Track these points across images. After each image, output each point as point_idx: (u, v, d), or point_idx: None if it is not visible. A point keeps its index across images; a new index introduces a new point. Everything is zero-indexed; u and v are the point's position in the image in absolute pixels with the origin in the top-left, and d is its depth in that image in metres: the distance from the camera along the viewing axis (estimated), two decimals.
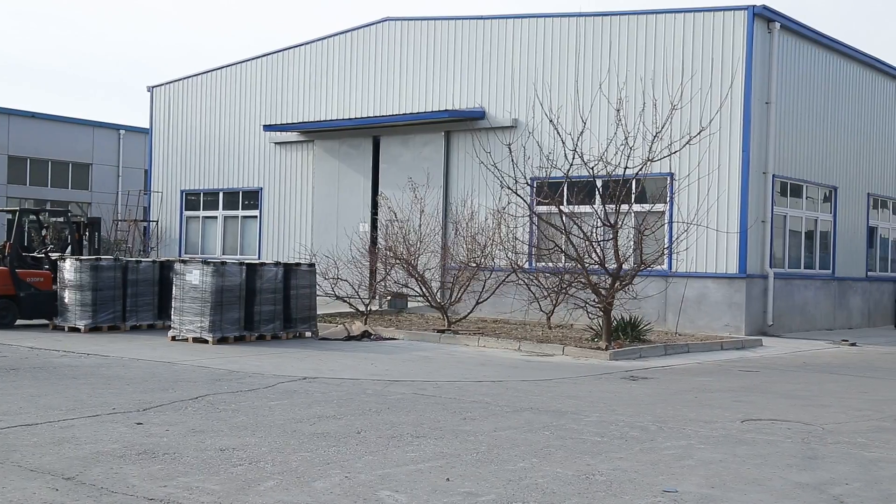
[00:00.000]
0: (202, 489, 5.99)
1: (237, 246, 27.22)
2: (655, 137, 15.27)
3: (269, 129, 25.62)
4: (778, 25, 19.26)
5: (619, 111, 15.66)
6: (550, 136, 17.29)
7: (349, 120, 24.16)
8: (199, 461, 6.74)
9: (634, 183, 16.28)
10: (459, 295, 18.31)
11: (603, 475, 6.61)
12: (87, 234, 19.06)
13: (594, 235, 15.63)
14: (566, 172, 15.40)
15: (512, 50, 21.81)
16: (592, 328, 16.32)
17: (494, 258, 18.35)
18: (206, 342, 15.01)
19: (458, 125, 22.43)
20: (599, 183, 16.06)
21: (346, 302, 18.76)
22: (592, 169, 15.19)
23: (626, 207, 15.69)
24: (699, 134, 16.25)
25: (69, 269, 16.54)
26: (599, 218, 15.71)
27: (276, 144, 26.16)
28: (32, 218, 19.95)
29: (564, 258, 16.36)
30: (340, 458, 6.95)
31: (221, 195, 27.80)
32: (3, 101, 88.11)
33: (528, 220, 18.04)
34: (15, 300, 16.84)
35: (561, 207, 15.91)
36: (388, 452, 7.16)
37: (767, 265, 19.39)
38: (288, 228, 25.91)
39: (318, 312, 17.43)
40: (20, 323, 17.11)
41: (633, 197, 16.55)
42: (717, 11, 19.10)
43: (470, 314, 18.59)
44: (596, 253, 15.43)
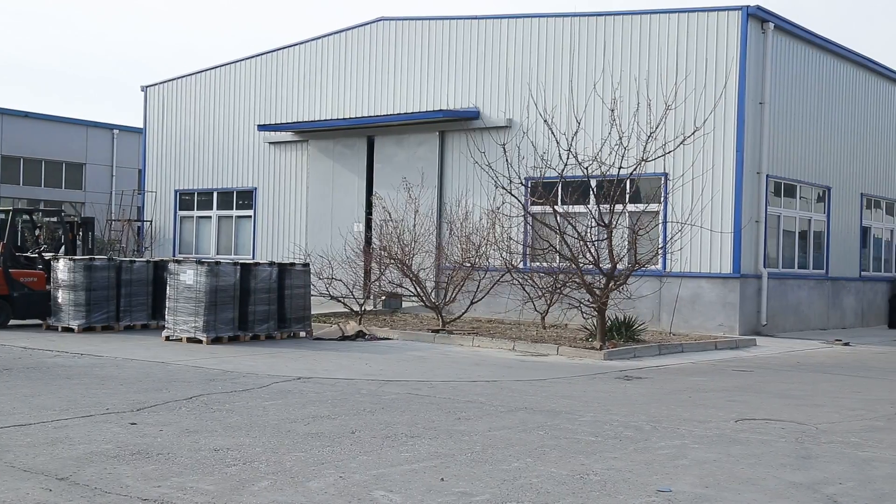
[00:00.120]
0: (196, 489, 5.98)
1: (231, 246, 27.18)
2: (650, 137, 15.29)
3: (263, 128, 25.59)
4: (772, 26, 19.30)
5: (613, 111, 15.68)
6: (545, 135, 17.30)
7: (344, 120, 24.14)
8: (193, 461, 6.73)
9: (629, 183, 16.30)
10: (454, 295, 18.32)
11: (597, 475, 6.62)
12: (80, 233, 19.03)
13: (588, 235, 15.65)
14: (560, 172, 15.41)
15: (506, 50, 21.82)
16: (587, 328, 16.34)
17: (489, 258, 18.35)
18: (200, 342, 14.99)
19: (452, 125, 22.43)
20: (594, 183, 16.06)
21: (340, 302, 18.75)
22: (587, 169, 15.20)
23: (620, 207, 15.70)
24: (693, 134, 16.27)
25: (63, 269, 16.50)
26: (594, 218, 15.72)
27: (270, 144, 26.13)
28: (26, 218, 19.94)
29: (559, 258, 16.38)
30: (335, 458, 6.95)
31: (216, 195, 27.76)
32: None
33: (522, 219, 18.06)
34: (8, 300, 16.79)
35: (555, 207, 15.92)
36: (382, 452, 7.16)
37: (761, 265, 19.42)
38: (282, 228, 25.89)
39: (312, 312, 17.41)
40: (13, 323, 17.07)
41: (627, 197, 16.56)
42: (711, 12, 19.13)
43: (464, 314, 18.59)
44: (590, 253, 15.44)
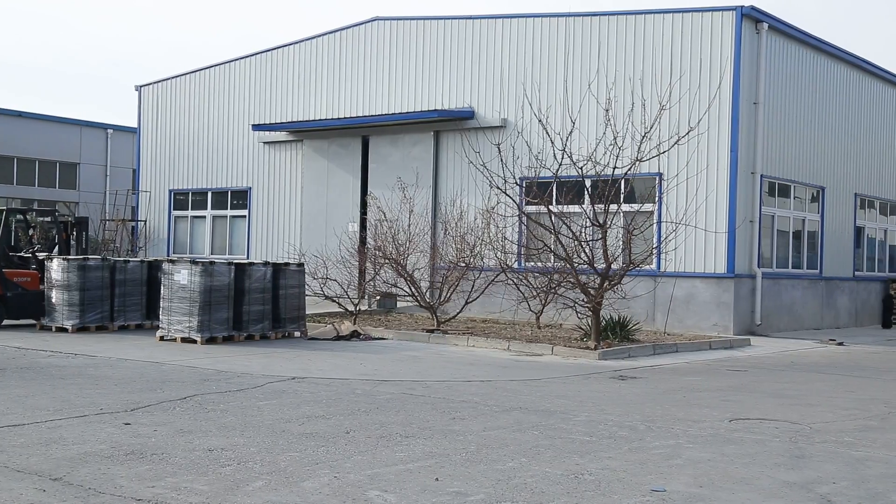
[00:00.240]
0: (190, 489, 5.98)
1: (226, 246, 27.16)
2: (644, 137, 15.30)
3: (257, 128, 25.57)
4: (766, 26, 19.33)
5: (607, 111, 15.69)
6: (539, 135, 17.32)
7: (338, 119, 24.13)
8: (187, 461, 6.72)
9: (623, 183, 16.31)
10: (449, 295, 18.32)
11: (592, 474, 6.62)
12: (74, 233, 18.98)
13: (583, 235, 15.66)
14: (555, 172, 15.42)
15: (501, 50, 21.83)
16: (581, 328, 16.35)
17: (483, 258, 18.36)
18: (194, 342, 14.97)
19: (447, 125, 22.43)
20: (588, 183, 16.08)
21: (335, 302, 18.73)
22: (581, 169, 15.21)
23: (614, 207, 15.71)
24: (688, 134, 16.30)
25: (56, 268, 16.47)
26: (588, 218, 15.73)
27: (264, 144, 26.11)
28: (19, 217, 19.87)
29: (553, 258, 16.38)
30: (329, 458, 6.94)
31: (210, 195, 27.73)
32: None
33: (517, 219, 18.05)
34: (2, 300, 16.74)
35: (550, 207, 15.93)
36: (377, 452, 7.15)
37: (755, 265, 19.45)
38: (277, 228, 25.87)
39: (307, 312, 17.41)
40: (7, 323, 17.02)
41: (621, 197, 16.58)
42: (705, 12, 19.16)
43: (459, 314, 18.59)
44: (585, 253, 15.45)
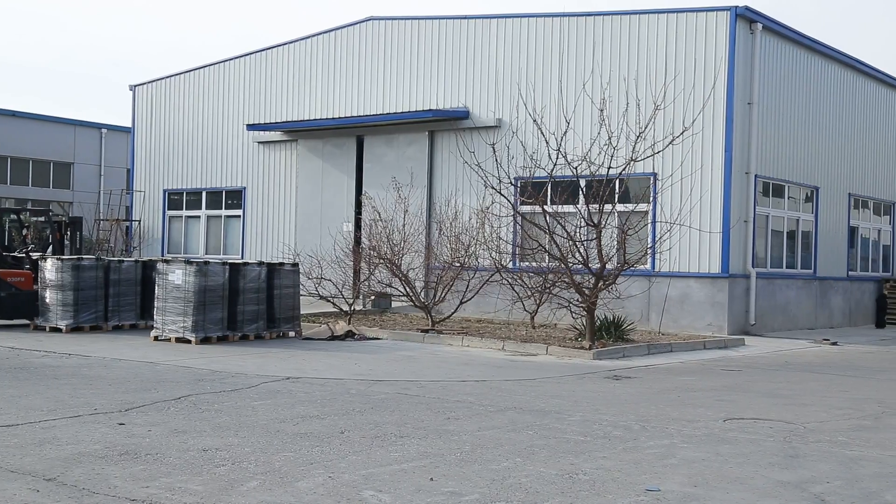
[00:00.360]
0: (185, 490, 5.97)
1: (220, 246, 27.12)
2: (639, 137, 15.32)
3: (252, 128, 25.54)
4: (760, 26, 19.36)
5: (602, 111, 15.71)
6: (534, 135, 17.32)
7: (333, 119, 24.12)
8: (181, 461, 6.71)
9: (618, 183, 16.33)
10: (443, 295, 18.31)
11: (586, 474, 6.63)
12: (68, 233, 18.96)
13: (578, 235, 15.67)
14: (550, 172, 15.43)
15: (496, 50, 21.83)
16: (576, 328, 16.36)
17: (478, 258, 18.36)
18: (188, 342, 14.95)
19: (442, 125, 22.43)
20: (583, 183, 16.09)
21: (329, 302, 18.72)
22: (576, 169, 15.22)
23: (609, 207, 15.74)
24: (682, 134, 16.32)
25: (50, 268, 16.43)
26: (583, 218, 15.74)
27: (259, 144, 26.08)
28: (13, 217, 19.87)
29: (548, 258, 16.39)
30: (324, 458, 6.94)
31: (204, 195, 27.69)
32: None
33: (511, 219, 18.07)
34: None
35: (545, 207, 15.94)
36: (371, 452, 7.15)
37: (750, 265, 19.48)
38: (271, 228, 25.84)
39: (301, 312, 17.38)
40: (0, 323, 16.98)
41: (616, 197, 16.60)
42: (699, 12, 19.18)
43: (454, 314, 18.59)
44: (579, 253, 15.47)
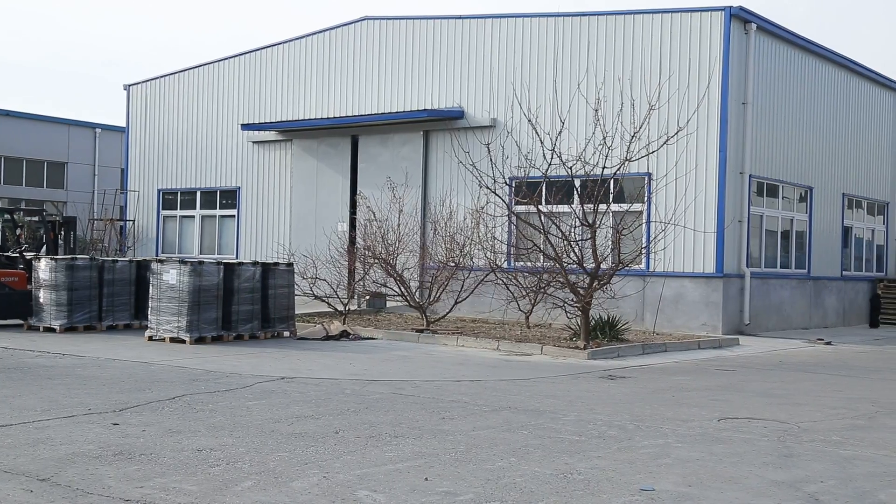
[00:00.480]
0: (179, 490, 5.96)
1: (215, 245, 27.09)
2: (633, 137, 15.33)
3: (246, 128, 25.51)
4: (754, 26, 19.39)
5: (597, 111, 15.71)
6: (529, 135, 17.33)
7: (327, 119, 24.11)
8: (176, 462, 6.70)
9: (612, 183, 16.34)
10: (438, 294, 18.31)
11: (581, 474, 6.63)
12: (62, 233, 18.92)
13: (572, 235, 15.68)
14: (544, 172, 15.43)
15: (491, 49, 21.84)
16: (570, 327, 16.36)
17: (473, 258, 18.36)
18: (183, 342, 14.93)
19: (436, 125, 22.43)
20: (578, 182, 16.10)
21: (324, 301, 18.71)
22: (571, 169, 15.23)
23: (604, 207, 15.74)
24: (676, 134, 16.33)
25: (44, 268, 16.39)
26: (578, 217, 15.75)
27: (253, 143, 26.06)
28: (7, 217, 19.78)
29: (543, 258, 16.40)
30: (318, 458, 6.93)
31: (199, 194, 27.66)
32: None
33: (506, 219, 18.07)
34: None
35: (539, 207, 15.94)
36: (366, 452, 7.15)
37: (744, 265, 19.51)
38: (266, 228, 25.82)
39: (296, 312, 17.37)
40: None
41: (611, 196, 16.61)
42: (694, 12, 19.21)
43: (448, 314, 18.59)
44: (574, 252, 15.47)
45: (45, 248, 18.17)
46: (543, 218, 15.64)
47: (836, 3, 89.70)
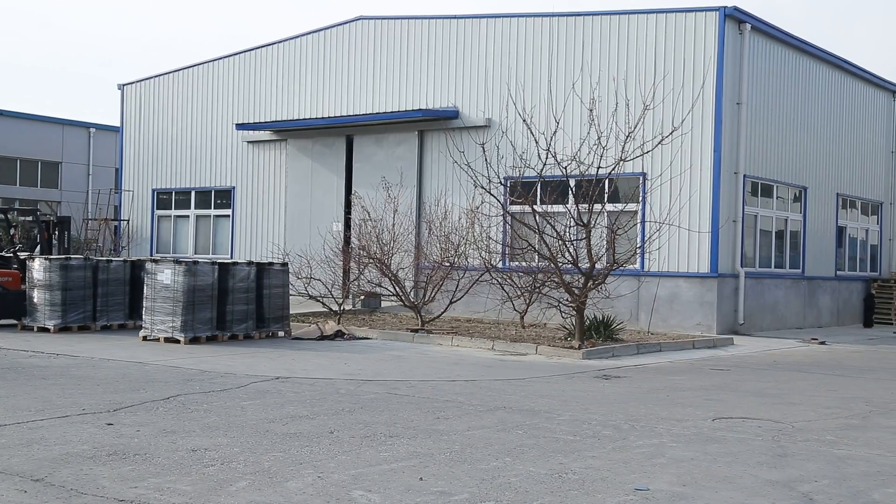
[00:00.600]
0: (173, 490, 5.95)
1: (209, 245, 27.06)
2: (628, 137, 15.34)
3: (241, 127, 25.49)
4: (749, 27, 19.43)
5: (591, 111, 15.73)
6: (524, 135, 17.33)
7: (322, 119, 24.10)
8: (170, 462, 6.69)
9: (607, 182, 16.36)
10: (433, 294, 18.31)
11: (575, 474, 6.63)
12: (56, 233, 18.88)
13: (567, 235, 15.69)
14: (539, 172, 15.44)
15: (485, 50, 21.84)
16: (565, 327, 16.38)
17: (468, 257, 18.37)
18: (177, 342, 14.91)
19: (431, 124, 22.43)
20: (572, 182, 16.11)
21: (319, 301, 18.70)
22: (565, 168, 15.24)
23: (598, 207, 15.76)
24: (671, 134, 16.35)
25: (38, 268, 16.36)
26: (572, 217, 15.76)
27: (248, 143, 26.03)
28: (1, 217, 19.75)
29: (538, 257, 16.40)
30: (313, 457, 6.93)
31: (193, 194, 27.62)
32: None
33: (501, 219, 18.08)
34: None
35: (534, 207, 15.95)
36: (361, 452, 7.14)
37: (738, 264, 19.54)
38: (261, 228, 25.80)
39: (291, 312, 17.36)
40: None
41: (605, 196, 16.63)
42: (688, 12, 19.23)
43: (443, 313, 18.59)
44: (569, 252, 15.48)
45: (39, 247, 18.15)
46: (538, 218, 15.65)
47: (830, 3, 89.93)
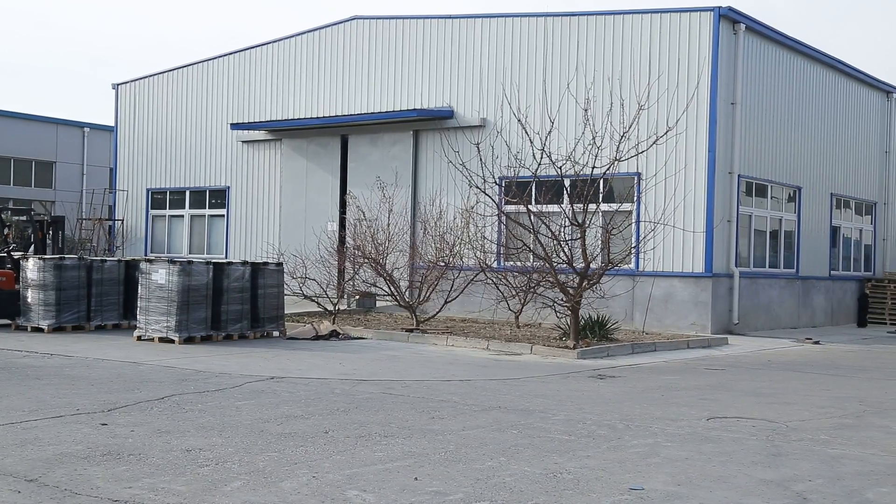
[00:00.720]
0: (168, 490, 5.94)
1: (204, 245, 27.02)
2: (623, 137, 15.36)
3: (236, 127, 25.46)
4: (743, 27, 19.45)
5: (586, 111, 15.73)
6: (519, 135, 17.33)
7: (317, 119, 24.08)
8: (164, 462, 6.68)
9: (602, 182, 16.36)
10: (428, 294, 18.31)
11: (570, 473, 6.64)
12: (50, 232, 18.84)
13: (562, 235, 15.69)
14: (534, 172, 15.45)
15: (480, 49, 21.84)
16: (560, 327, 16.38)
17: (463, 257, 18.36)
18: (172, 342, 14.89)
19: (426, 124, 22.42)
20: (567, 182, 16.12)
21: (314, 301, 18.69)
22: (560, 168, 15.24)
23: (593, 207, 15.76)
24: (666, 134, 16.37)
25: (32, 268, 16.32)
26: (567, 217, 15.77)
27: (243, 143, 26.00)
28: None
29: (532, 257, 16.41)
30: (308, 457, 6.93)
31: (188, 194, 27.59)
32: None
33: (496, 219, 18.08)
34: None
35: (529, 207, 15.95)
36: (356, 452, 7.14)
37: (733, 264, 19.57)
38: (255, 227, 25.77)
39: (286, 312, 17.35)
40: None
41: (600, 196, 16.63)
42: (683, 12, 19.25)
43: (438, 313, 18.59)
44: (564, 252, 15.49)
45: (33, 247, 18.09)
46: (533, 218, 15.65)
47: (824, 4, 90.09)
